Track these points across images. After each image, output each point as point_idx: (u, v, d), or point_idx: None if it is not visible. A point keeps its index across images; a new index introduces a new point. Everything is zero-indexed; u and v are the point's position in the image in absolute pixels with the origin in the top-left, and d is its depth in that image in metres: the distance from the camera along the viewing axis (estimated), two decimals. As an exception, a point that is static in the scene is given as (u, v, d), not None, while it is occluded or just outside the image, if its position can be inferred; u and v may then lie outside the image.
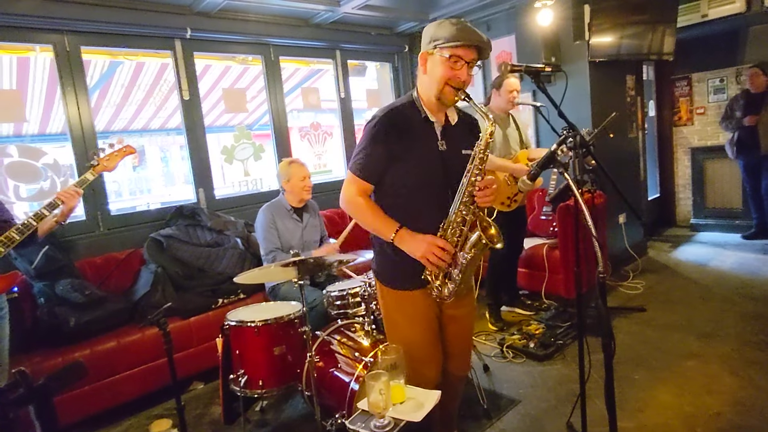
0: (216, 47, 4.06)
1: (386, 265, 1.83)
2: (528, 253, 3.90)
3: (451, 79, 1.65)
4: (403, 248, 1.69)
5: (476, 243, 1.65)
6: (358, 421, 1.63)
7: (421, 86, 1.75)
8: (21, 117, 3.38)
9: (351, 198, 1.75)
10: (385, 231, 1.71)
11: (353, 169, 1.74)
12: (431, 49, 1.66)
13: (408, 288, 1.77)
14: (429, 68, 1.69)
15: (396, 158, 1.69)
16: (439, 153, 1.73)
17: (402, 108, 1.73)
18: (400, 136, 1.68)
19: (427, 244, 1.65)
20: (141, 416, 2.82)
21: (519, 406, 2.54)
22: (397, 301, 1.82)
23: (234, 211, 3.98)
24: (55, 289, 2.80)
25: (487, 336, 3.42)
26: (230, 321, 2.36)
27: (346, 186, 1.77)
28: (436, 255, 1.64)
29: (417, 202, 1.73)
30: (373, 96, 5.54)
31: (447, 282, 1.72)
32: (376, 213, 1.73)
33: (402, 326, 1.83)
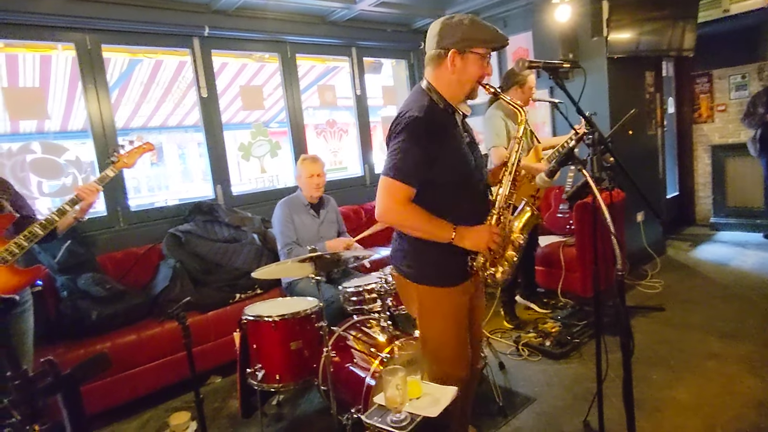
0: (233, 45, 4.10)
1: (427, 263, 1.77)
2: (544, 251, 3.87)
3: (481, 77, 1.70)
4: (463, 244, 1.67)
5: (528, 222, 1.76)
6: (375, 415, 1.64)
7: (442, 83, 1.72)
8: (43, 114, 3.45)
9: (398, 207, 1.63)
10: (442, 233, 1.66)
11: (397, 176, 1.60)
12: (463, 47, 1.65)
13: (451, 284, 1.76)
14: (460, 67, 1.67)
15: (437, 157, 1.66)
16: (466, 146, 1.76)
17: (433, 105, 1.70)
18: (440, 133, 1.68)
19: (488, 233, 1.67)
20: (160, 409, 2.87)
21: (534, 404, 2.54)
22: (437, 300, 1.78)
23: (251, 207, 4.02)
24: (77, 283, 2.86)
25: (503, 334, 3.41)
26: (248, 316, 2.39)
27: (387, 195, 1.63)
28: (497, 242, 1.68)
29: (461, 199, 1.73)
30: (389, 93, 5.54)
31: (500, 266, 1.75)
32: (428, 217, 1.65)
33: (439, 325, 1.80)
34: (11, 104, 3.24)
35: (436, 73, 1.73)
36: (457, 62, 1.67)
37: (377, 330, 2.40)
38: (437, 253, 1.72)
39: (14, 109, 3.26)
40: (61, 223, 2.28)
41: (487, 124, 3.22)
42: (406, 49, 5.31)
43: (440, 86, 1.73)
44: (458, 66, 1.67)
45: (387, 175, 1.62)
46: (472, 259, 1.74)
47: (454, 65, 1.67)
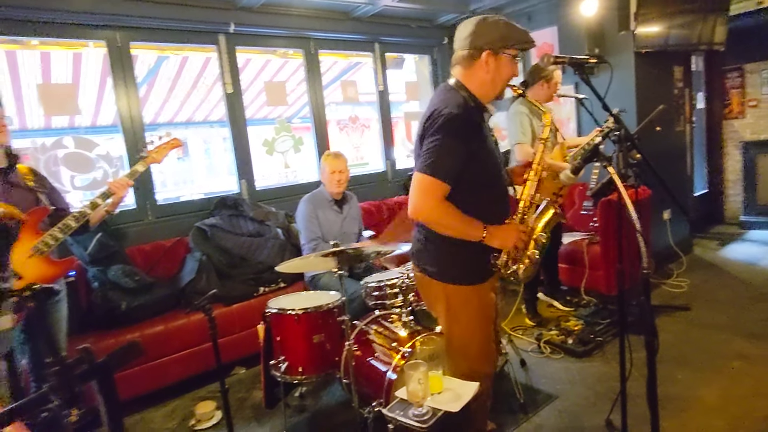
0: (258, 41, 4.15)
1: (455, 263, 1.77)
2: (567, 249, 3.83)
3: (511, 78, 1.73)
4: (492, 243, 1.69)
5: (551, 220, 1.79)
6: (397, 409, 1.67)
7: (474, 82, 1.72)
8: (75, 110, 3.56)
9: (434, 204, 1.62)
10: (474, 232, 1.67)
11: (434, 173, 1.59)
12: (498, 48, 1.66)
13: (478, 281, 1.79)
14: (494, 67, 1.68)
15: (472, 155, 1.66)
16: (493, 145, 1.79)
17: (466, 103, 1.69)
18: (475, 131, 1.68)
19: (516, 232, 1.71)
20: (186, 398, 2.95)
21: (556, 402, 2.52)
22: (464, 297, 1.79)
23: (274, 202, 4.07)
24: (107, 275, 2.96)
25: (524, 331, 3.40)
26: (271, 308, 2.43)
27: (421, 194, 1.62)
28: (524, 240, 1.72)
29: (489, 196, 1.75)
30: (412, 88, 5.53)
31: (523, 265, 1.78)
32: (462, 216, 1.66)
33: (466, 322, 1.81)
34: (45, 100, 3.35)
35: (467, 73, 1.72)
36: (491, 63, 1.68)
37: (399, 325, 2.41)
38: (464, 251, 1.73)
39: (48, 104, 3.37)
40: (93, 216, 2.35)
41: (513, 121, 3.20)
42: (430, 44, 5.29)
43: (472, 86, 1.72)
44: (492, 66, 1.68)
45: (424, 173, 1.61)
46: (495, 257, 1.76)
47: (488, 65, 1.68)
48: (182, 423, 2.70)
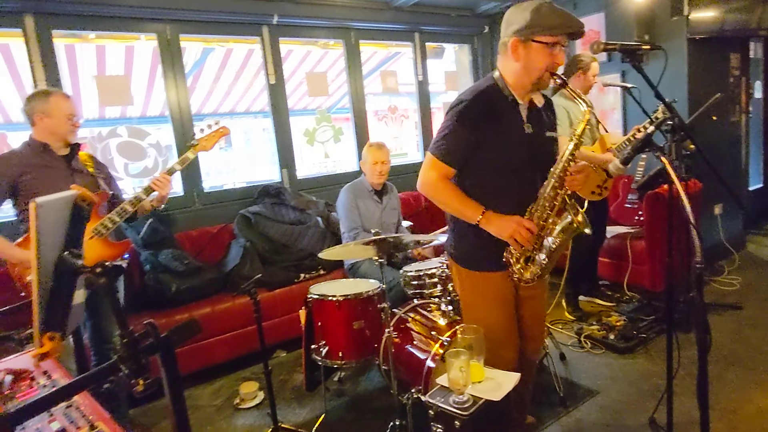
0: (300, 32, 4.21)
1: (466, 247, 1.84)
2: (610, 243, 3.73)
3: (550, 66, 1.65)
4: (489, 229, 1.68)
5: (566, 228, 1.65)
6: (438, 395, 1.68)
7: (508, 71, 1.71)
8: (128, 101, 3.72)
9: (432, 182, 1.74)
10: (470, 214, 1.70)
11: (436, 153, 1.72)
12: (526, 36, 1.61)
13: (488, 270, 1.79)
14: (523, 55, 1.64)
15: (482, 142, 1.69)
16: (525, 136, 1.73)
17: (488, 91, 1.71)
18: (488, 119, 1.68)
19: (515, 224, 1.65)
20: (231, 377, 3.08)
21: (597, 397, 2.49)
22: (476, 284, 1.83)
23: (314, 191, 4.15)
24: (158, 258, 3.10)
25: (564, 325, 3.35)
26: (313, 294, 2.49)
27: (425, 170, 1.75)
28: (524, 235, 1.64)
29: (502, 186, 1.73)
30: (451, 78, 5.48)
31: (530, 265, 1.72)
32: (460, 196, 1.73)
33: (480, 308, 1.85)
34: (101, 91, 3.52)
35: (503, 61, 1.73)
36: (520, 51, 1.64)
37: (437, 314, 2.42)
38: (478, 237, 1.74)
39: (104, 95, 3.54)
40: (139, 208, 2.44)
41: None
42: (470, 33, 5.22)
43: (506, 74, 1.72)
44: (521, 54, 1.64)
45: (430, 152, 1.75)
46: (508, 252, 1.74)
47: (517, 53, 1.65)
48: (227, 401, 2.82)
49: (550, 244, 1.68)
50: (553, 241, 1.67)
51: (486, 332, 1.76)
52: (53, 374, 1.43)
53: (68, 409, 1.20)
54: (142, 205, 2.43)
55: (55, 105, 2.24)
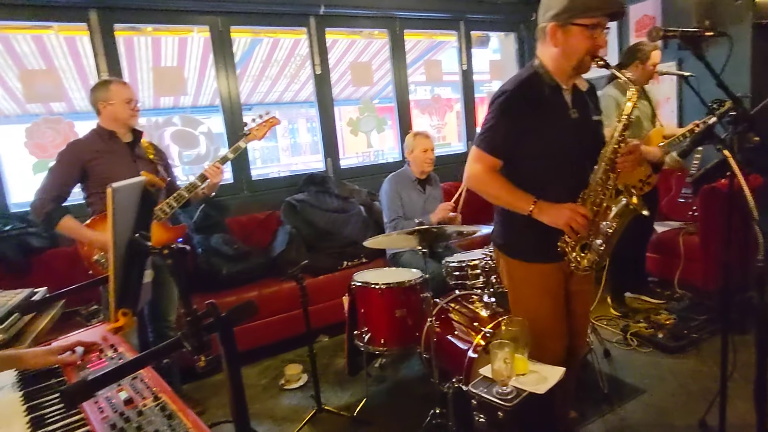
0: (346, 22, 4.24)
1: (515, 237, 1.82)
2: (660, 238, 3.60)
3: (591, 50, 1.60)
4: (542, 219, 1.65)
5: (622, 210, 1.61)
6: (481, 386, 1.70)
7: (547, 57, 1.68)
8: (182, 91, 3.88)
9: (479, 175, 1.72)
10: (522, 204, 1.68)
11: (481, 146, 1.70)
12: (564, 20, 1.58)
13: (539, 261, 1.77)
14: (562, 40, 1.61)
15: (528, 131, 1.67)
16: (571, 122, 1.70)
17: (530, 79, 1.69)
18: (532, 108, 1.65)
19: (570, 211, 1.62)
20: (277, 359, 3.20)
21: (643, 396, 2.42)
22: (526, 275, 1.81)
23: (357, 180, 4.20)
24: (210, 242, 3.25)
25: (609, 321, 3.27)
26: (357, 281, 2.54)
27: (471, 163, 1.74)
28: (580, 222, 1.60)
29: (552, 174, 1.70)
30: (497, 67, 5.38)
31: (587, 253, 1.68)
32: (510, 188, 1.70)
33: (529, 300, 1.83)
34: (157, 82, 3.68)
35: (542, 48, 1.70)
36: (559, 36, 1.60)
37: (479, 305, 2.42)
38: (528, 227, 1.70)
39: (159, 86, 3.71)
40: (194, 194, 2.56)
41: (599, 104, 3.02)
42: (516, 21, 5.10)
43: (546, 60, 1.69)
44: (560, 39, 1.61)
45: (475, 145, 1.73)
46: (563, 241, 1.70)
47: (555, 38, 1.61)
48: (272, 381, 2.93)
49: (606, 229, 1.63)
50: (609, 225, 1.62)
51: (534, 324, 1.76)
52: (119, 348, 1.53)
53: (134, 380, 1.29)
54: (196, 192, 2.54)
55: (115, 92, 2.37)
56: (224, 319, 1.11)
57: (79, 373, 1.35)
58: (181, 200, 2.48)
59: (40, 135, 3.21)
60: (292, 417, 2.54)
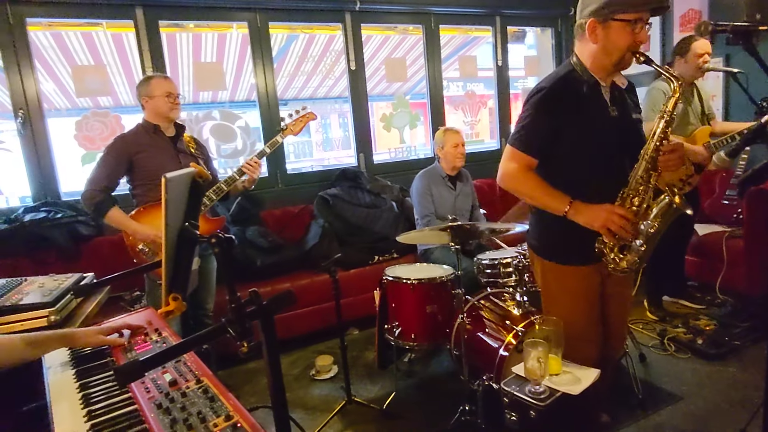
0: (381, 18, 4.25)
1: (550, 238, 1.79)
2: (701, 240, 3.48)
3: (632, 45, 1.56)
4: (578, 220, 1.61)
5: (664, 210, 1.56)
6: (513, 384, 1.69)
7: (586, 53, 1.64)
8: (222, 86, 3.98)
9: (514, 174, 1.68)
10: (557, 205, 1.64)
11: (516, 144, 1.67)
12: (604, 16, 1.54)
13: (574, 263, 1.73)
14: (602, 37, 1.57)
15: (565, 130, 1.63)
16: (610, 120, 1.66)
17: (567, 77, 1.65)
18: (569, 105, 1.62)
19: (606, 212, 1.57)
20: (308, 350, 3.26)
21: (680, 404, 2.36)
22: (560, 277, 1.78)
23: (389, 175, 4.22)
24: (246, 234, 3.34)
25: (645, 324, 3.18)
26: (388, 276, 2.56)
27: (505, 162, 1.71)
28: (617, 223, 1.56)
29: (589, 174, 1.66)
30: (532, 63, 5.28)
31: (626, 254, 1.64)
32: (545, 187, 1.66)
33: (564, 303, 1.79)
34: (197, 77, 3.79)
35: (580, 45, 1.67)
36: (599, 32, 1.57)
37: (511, 304, 2.41)
38: (564, 228, 1.67)
39: (199, 81, 3.81)
40: (233, 188, 2.63)
41: (646, 98, 2.94)
42: (554, 16, 5.00)
43: (584, 57, 1.65)
44: (600, 35, 1.57)
45: (510, 143, 1.70)
46: (599, 241, 1.65)
47: (595, 35, 1.57)
48: (304, 372, 2.99)
49: (648, 229, 1.58)
50: (651, 225, 1.57)
51: (569, 328, 1.72)
52: (163, 332, 1.60)
53: (177, 363, 1.34)
54: (235, 186, 2.61)
55: (155, 86, 2.46)
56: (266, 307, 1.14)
57: (126, 354, 1.41)
58: (220, 193, 2.56)
59: (89, 128, 3.37)
60: (322, 407, 2.58)
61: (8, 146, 3.34)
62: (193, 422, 1.00)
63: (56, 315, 1.77)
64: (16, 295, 1.86)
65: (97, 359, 1.39)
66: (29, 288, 1.94)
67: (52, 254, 2.97)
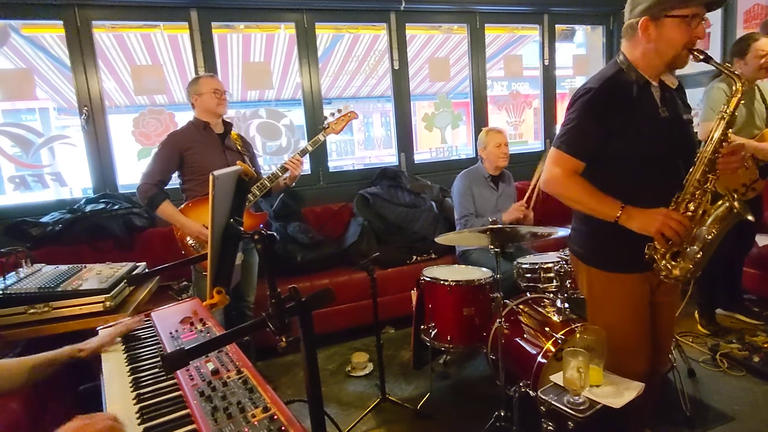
0: (426, 18, 4.24)
1: (597, 245, 1.71)
2: (762, 252, 3.27)
3: (689, 43, 1.49)
4: (630, 226, 1.54)
5: (723, 215, 1.48)
6: (551, 393, 1.65)
7: (638, 53, 1.57)
8: (269, 85, 4.08)
9: (560, 178, 1.61)
10: (608, 210, 1.56)
11: (562, 147, 1.61)
12: (657, 13, 1.47)
13: (622, 270, 1.66)
14: (655, 35, 1.50)
15: (615, 131, 1.57)
16: (661, 121, 1.58)
17: (616, 77, 1.59)
18: (619, 107, 1.56)
19: (662, 217, 1.49)
20: (344, 346, 3.31)
21: (732, 424, 2.23)
22: (607, 285, 1.70)
23: (429, 175, 4.21)
24: (287, 230, 3.42)
25: (695, 338, 3.03)
26: (426, 277, 2.56)
27: (550, 166, 1.64)
28: (673, 228, 1.48)
29: (640, 177, 1.59)
30: (581, 62, 5.11)
31: (679, 261, 1.56)
32: (594, 192, 1.59)
33: (611, 314, 1.72)
34: (246, 76, 3.91)
35: (630, 44, 1.60)
36: (651, 30, 1.50)
37: (551, 310, 2.35)
38: (612, 234, 1.60)
39: (248, 80, 3.93)
40: (275, 184, 2.71)
41: (705, 98, 2.80)
42: (605, 13, 4.83)
43: (634, 57, 1.58)
44: (653, 34, 1.50)
45: (556, 147, 1.64)
46: (650, 248, 1.57)
47: (648, 34, 1.50)
48: (340, 367, 3.04)
49: (704, 235, 1.50)
50: (708, 231, 1.50)
51: (616, 341, 1.67)
52: (207, 322, 1.67)
53: (219, 353, 1.40)
54: (278, 182, 2.68)
55: (203, 84, 2.56)
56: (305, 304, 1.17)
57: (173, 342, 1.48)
58: (263, 189, 2.64)
59: (145, 124, 3.55)
60: (356, 403, 2.61)
61: (73, 141, 3.56)
62: (232, 411, 1.04)
63: (111, 301, 1.88)
64: (77, 280, 2.00)
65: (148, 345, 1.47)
66: (88, 274, 2.07)
67: (109, 243, 3.16)
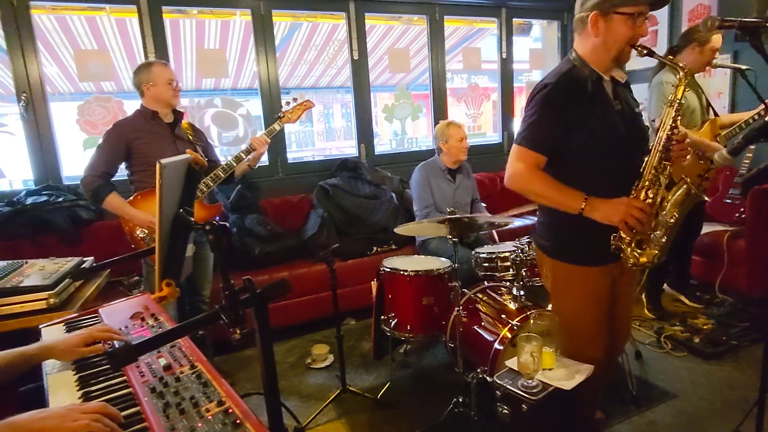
0: (386, 8, 4.22)
1: (562, 239, 1.74)
2: (704, 240, 3.46)
3: (632, 39, 1.56)
4: (594, 217, 1.57)
5: (681, 199, 1.56)
6: (506, 377, 1.69)
7: (588, 48, 1.63)
8: (224, 73, 3.95)
9: (523, 174, 1.62)
10: (571, 202, 1.59)
11: (523, 143, 1.62)
12: (606, 9, 1.53)
13: (586, 263, 1.70)
14: (604, 30, 1.56)
15: (574, 125, 1.60)
16: (616, 113, 1.64)
17: (571, 72, 1.63)
18: (576, 101, 1.60)
19: (625, 206, 1.53)
20: (304, 339, 3.28)
21: (675, 401, 2.37)
22: (571, 278, 1.74)
23: (389, 167, 4.20)
24: (244, 222, 3.34)
25: (642, 322, 3.18)
26: (386, 267, 2.56)
27: (513, 162, 1.65)
28: (636, 217, 1.52)
29: (600, 169, 1.64)
30: (537, 56, 5.23)
31: (645, 248, 1.61)
32: (557, 186, 1.62)
33: (572, 304, 1.76)
34: (200, 63, 3.77)
35: (580, 39, 1.65)
36: (600, 25, 1.55)
37: (508, 298, 2.41)
38: (576, 228, 1.64)
39: (202, 67, 3.80)
40: (237, 168, 2.65)
41: (654, 92, 2.89)
42: (560, 8, 4.96)
43: (584, 52, 1.64)
44: (602, 29, 1.56)
45: (517, 143, 1.66)
46: (616, 238, 1.63)
47: (597, 28, 1.56)
48: (300, 360, 3.01)
49: (667, 219, 1.57)
50: (669, 214, 1.57)
51: (576, 331, 1.74)
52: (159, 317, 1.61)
53: (172, 348, 1.35)
54: (240, 165, 2.61)
55: (157, 73, 2.45)
56: (260, 295, 1.14)
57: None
58: (217, 179, 2.56)
59: (91, 112, 3.36)
60: (317, 395, 2.60)
61: (11, 129, 3.33)
62: (185, 407, 1.00)
63: (55, 298, 1.78)
64: (17, 277, 1.87)
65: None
66: (30, 270, 1.95)
67: (54, 238, 2.98)
